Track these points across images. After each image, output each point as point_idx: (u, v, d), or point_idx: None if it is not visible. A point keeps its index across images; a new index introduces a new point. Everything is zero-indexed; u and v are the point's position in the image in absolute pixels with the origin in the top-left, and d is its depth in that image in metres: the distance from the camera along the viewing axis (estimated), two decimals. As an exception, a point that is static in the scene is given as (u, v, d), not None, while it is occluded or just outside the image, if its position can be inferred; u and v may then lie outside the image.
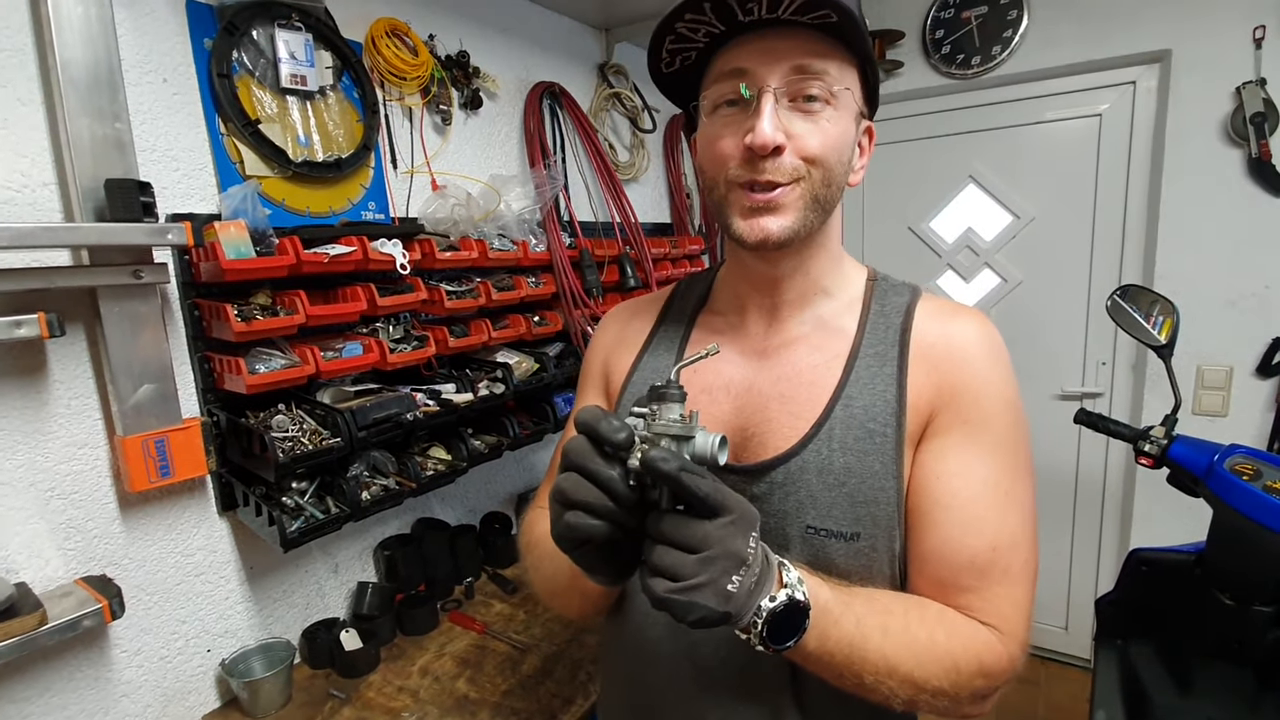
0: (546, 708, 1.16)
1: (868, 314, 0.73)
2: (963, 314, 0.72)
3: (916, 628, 0.61)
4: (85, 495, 1.05)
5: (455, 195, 1.49)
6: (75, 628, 0.96)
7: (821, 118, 0.64)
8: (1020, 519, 0.66)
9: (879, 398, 0.68)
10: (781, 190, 0.65)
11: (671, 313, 0.86)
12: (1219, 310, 2.13)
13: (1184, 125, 2.13)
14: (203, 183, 1.18)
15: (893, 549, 0.67)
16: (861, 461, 0.66)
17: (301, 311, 1.15)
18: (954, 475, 0.65)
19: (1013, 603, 0.65)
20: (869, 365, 0.70)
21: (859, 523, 0.66)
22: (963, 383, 0.67)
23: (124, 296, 1.02)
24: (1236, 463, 1.35)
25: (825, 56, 0.64)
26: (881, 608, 0.61)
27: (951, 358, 0.68)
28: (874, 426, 0.67)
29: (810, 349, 0.73)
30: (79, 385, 1.04)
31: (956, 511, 0.64)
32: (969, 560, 0.64)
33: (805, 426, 0.68)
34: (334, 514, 1.18)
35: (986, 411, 0.66)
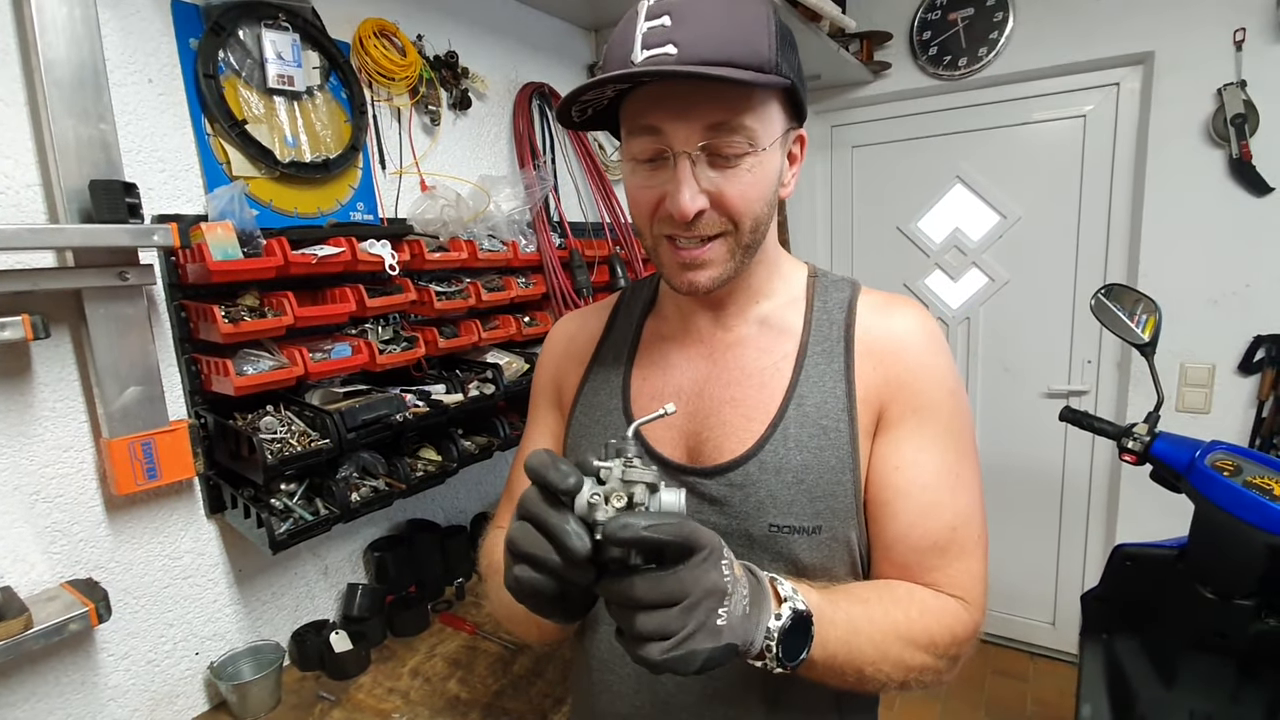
0: (538, 708, 1.16)
1: (811, 311, 0.75)
2: (901, 306, 0.74)
3: (894, 610, 0.64)
4: (71, 498, 1.05)
5: (444, 196, 1.49)
6: (61, 631, 0.95)
7: (743, 169, 0.63)
8: (970, 498, 0.70)
9: (829, 394, 0.70)
10: (708, 247, 0.66)
11: (618, 320, 0.86)
12: (1201, 309, 2.16)
13: (1166, 126, 2.16)
14: (189, 184, 1.17)
15: (850, 539, 0.70)
16: (818, 457, 0.68)
17: (289, 313, 1.15)
18: (910, 465, 0.69)
19: (971, 574, 0.69)
20: (817, 363, 0.72)
21: (819, 516, 0.68)
22: (909, 375, 0.70)
23: (109, 298, 1.01)
24: (1217, 459, 1.37)
25: (741, 109, 0.61)
26: (860, 598, 0.64)
27: (896, 351, 0.71)
28: (827, 423, 0.69)
29: (758, 351, 0.74)
30: (64, 388, 1.03)
31: (915, 499, 0.68)
32: (931, 543, 0.68)
33: (760, 428, 0.70)
34: (323, 516, 1.18)
35: (933, 400, 0.69)
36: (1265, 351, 2.07)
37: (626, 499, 0.49)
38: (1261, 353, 2.08)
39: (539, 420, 0.90)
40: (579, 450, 0.80)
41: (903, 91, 2.58)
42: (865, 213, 2.81)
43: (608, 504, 0.49)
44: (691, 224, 0.64)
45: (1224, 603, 1.38)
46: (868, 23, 2.49)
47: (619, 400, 0.79)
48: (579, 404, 0.83)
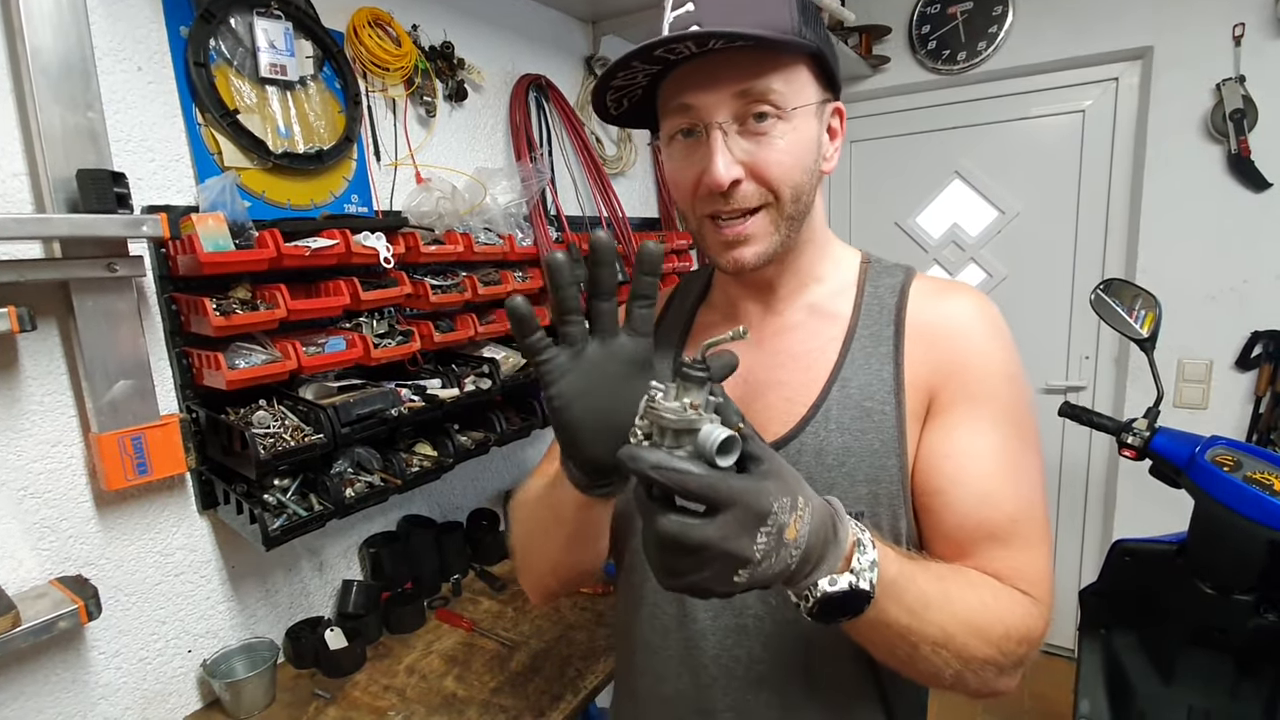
0: (535, 705, 1.15)
1: (862, 296, 0.74)
2: (956, 291, 0.72)
3: (969, 594, 0.60)
4: (60, 494, 1.03)
5: (440, 188, 1.47)
6: (50, 629, 0.93)
7: (774, 136, 0.64)
8: (1031, 486, 0.66)
9: (875, 377, 0.68)
10: (750, 221, 0.66)
11: (671, 310, 0.86)
12: (1199, 304, 2.16)
13: (1165, 121, 2.16)
14: (179, 174, 1.15)
15: (896, 526, 0.67)
16: (860, 441, 0.67)
17: (282, 306, 1.13)
18: (963, 453, 0.66)
19: (1037, 567, 0.65)
20: (864, 347, 0.70)
21: (861, 501, 0.66)
22: (961, 359, 0.67)
23: (98, 290, 0.99)
24: (1217, 454, 1.36)
25: (767, 71, 0.63)
26: (937, 574, 0.60)
27: (949, 335, 0.68)
28: (871, 405, 0.67)
29: (805, 335, 0.74)
30: (52, 381, 1.01)
31: (971, 487, 0.65)
32: (989, 533, 0.64)
33: (801, 410, 0.69)
34: (317, 511, 1.16)
35: (988, 385, 0.66)
36: (1263, 347, 2.07)
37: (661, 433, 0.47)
38: (1259, 348, 2.08)
39: None
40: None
41: (901, 86, 2.57)
42: (863, 208, 2.80)
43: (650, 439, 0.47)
44: (730, 197, 0.64)
45: (1223, 598, 1.37)
46: (866, 16, 2.47)
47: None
48: None
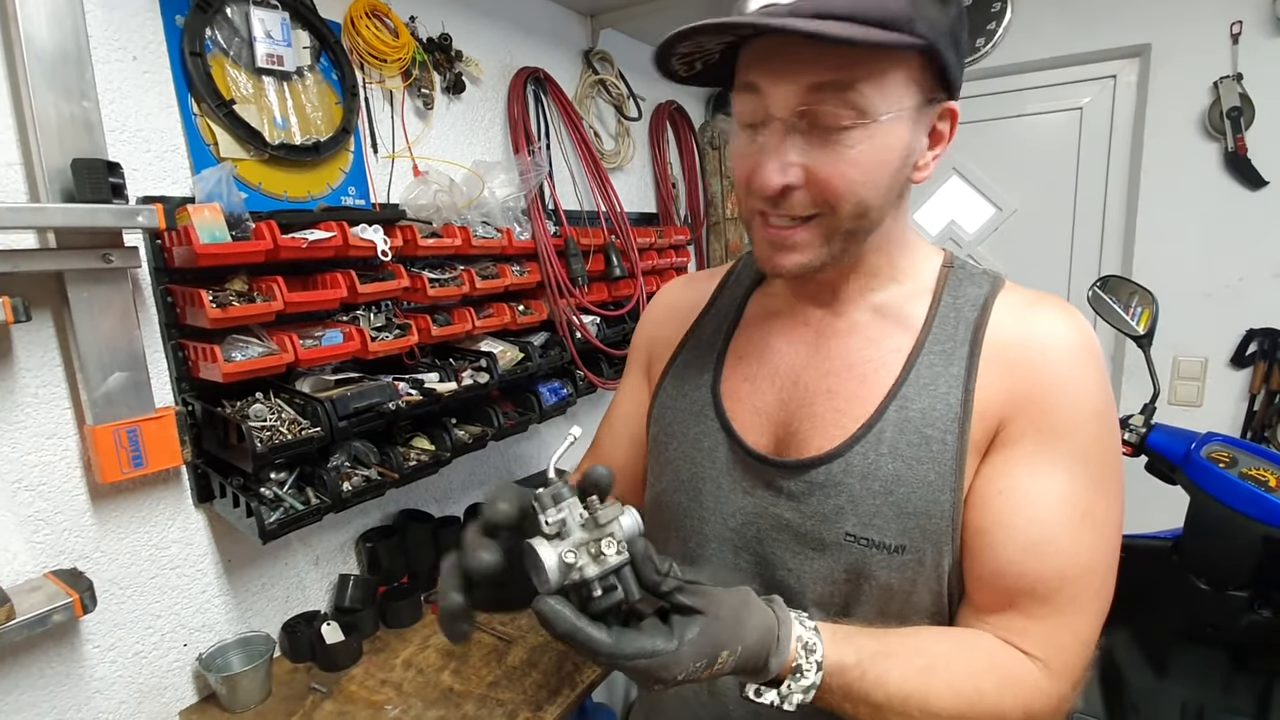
0: (533, 699, 1.15)
1: (938, 305, 0.65)
2: (1048, 308, 0.63)
3: (962, 681, 0.56)
4: (54, 487, 1.02)
5: (438, 181, 1.46)
6: (45, 623, 0.93)
7: (846, 145, 0.55)
8: (1096, 542, 0.58)
9: (940, 400, 0.61)
10: (799, 228, 0.59)
11: (725, 291, 0.81)
12: (1195, 302, 2.16)
13: (1163, 119, 2.16)
14: (175, 165, 1.14)
15: (941, 564, 0.61)
16: (913, 470, 0.60)
17: (279, 298, 1.12)
18: (1018, 491, 0.58)
19: (1073, 633, 0.58)
20: (933, 364, 0.63)
21: (905, 535, 0.60)
22: (1040, 387, 0.59)
23: (93, 281, 0.98)
24: (1213, 450, 1.37)
25: (857, 67, 0.53)
26: (921, 667, 0.56)
27: (1030, 359, 0.60)
28: (931, 433, 0.60)
29: (866, 341, 0.66)
30: (47, 373, 1.01)
31: (1019, 531, 0.57)
32: (1030, 587, 0.58)
33: (853, 426, 0.63)
34: (314, 505, 1.16)
35: (1067, 420, 0.58)
36: (1258, 345, 2.08)
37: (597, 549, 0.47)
38: (1254, 346, 2.09)
39: (628, 385, 0.87)
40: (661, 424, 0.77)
41: (899, 82, 2.56)
42: (861, 204, 2.80)
43: (581, 558, 0.47)
44: (779, 202, 0.58)
45: (1217, 594, 1.38)
46: (865, 12, 2.46)
47: (709, 377, 0.74)
48: (669, 376, 0.78)
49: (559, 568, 0.46)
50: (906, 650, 0.57)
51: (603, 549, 0.46)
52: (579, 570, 0.46)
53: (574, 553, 0.46)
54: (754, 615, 0.51)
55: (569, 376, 1.75)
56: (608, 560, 0.46)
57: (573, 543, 0.47)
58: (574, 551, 0.47)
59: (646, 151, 2.30)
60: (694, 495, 0.72)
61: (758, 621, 0.51)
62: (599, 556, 0.46)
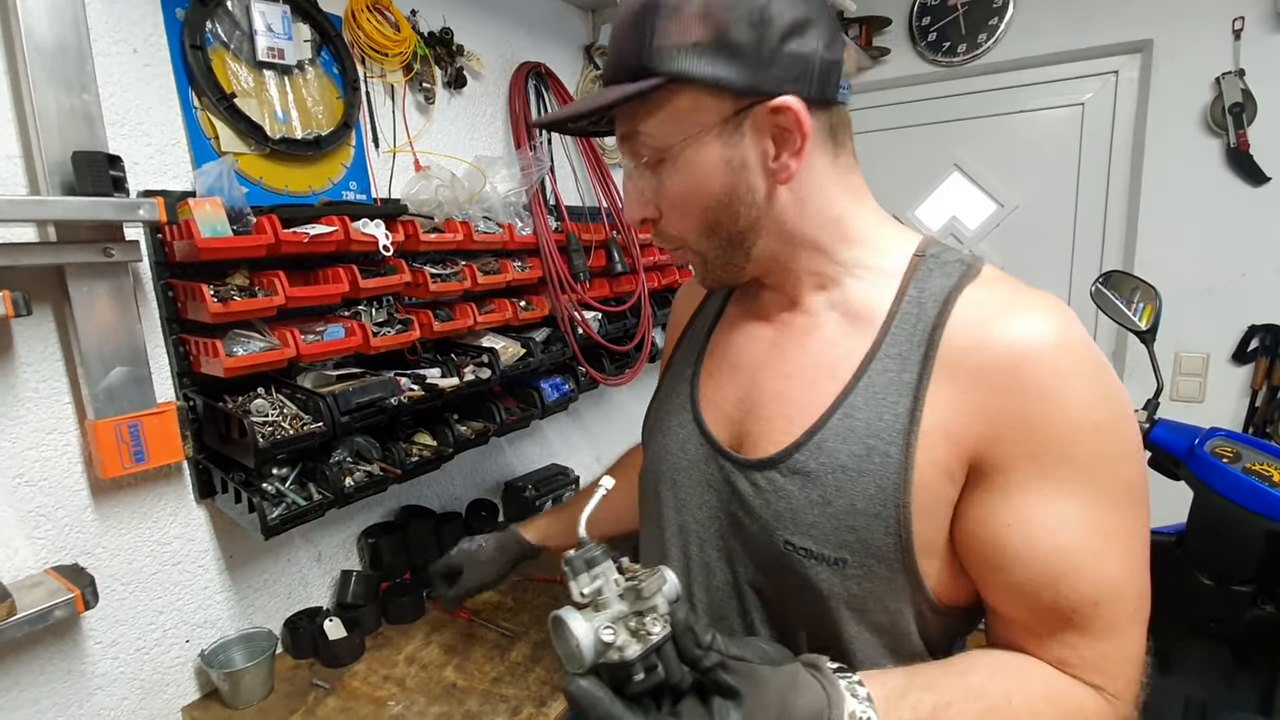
0: (536, 695, 1.15)
1: (901, 300, 0.61)
2: (1019, 310, 0.56)
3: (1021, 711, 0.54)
4: (55, 482, 1.01)
5: (439, 176, 1.45)
6: (46, 618, 0.92)
7: (664, 176, 0.62)
8: (1124, 561, 0.54)
9: (888, 410, 0.57)
10: (678, 254, 0.67)
11: (707, 302, 0.85)
12: (1197, 298, 2.16)
13: (1164, 115, 2.16)
14: (176, 159, 1.13)
15: (895, 580, 0.59)
16: (854, 481, 0.57)
17: (281, 293, 1.12)
18: (1031, 522, 0.54)
19: (1122, 653, 0.55)
20: (886, 369, 0.59)
21: (845, 548, 0.58)
22: (1021, 404, 0.53)
23: (94, 275, 0.98)
24: (1217, 445, 1.37)
25: (634, 115, 0.61)
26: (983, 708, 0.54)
27: (999, 373, 0.54)
28: (874, 443, 0.57)
29: (823, 342, 0.64)
30: (47, 368, 1.00)
31: (1041, 565, 0.54)
32: (1064, 619, 0.55)
33: (797, 431, 0.61)
34: (316, 501, 1.15)
35: (1062, 440, 0.53)
36: (1259, 341, 2.08)
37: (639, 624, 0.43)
38: (1255, 342, 2.09)
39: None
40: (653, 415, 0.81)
41: (901, 78, 2.56)
42: (862, 201, 2.80)
43: (620, 635, 0.43)
44: (656, 234, 0.65)
45: (1221, 589, 1.38)
46: (867, 7, 2.46)
47: (690, 372, 0.78)
48: (667, 373, 0.84)
49: (594, 647, 0.42)
50: (963, 693, 0.54)
51: (646, 625, 0.42)
52: (619, 650, 0.42)
53: (613, 629, 0.42)
54: (802, 696, 0.48)
55: (570, 372, 1.74)
56: (650, 637, 0.42)
57: (610, 616, 0.43)
58: (612, 627, 0.42)
59: (647, 147, 2.29)
60: (671, 486, 0.73)
61: (806, 703, 0.48)
62: (640, 632, 0.42)
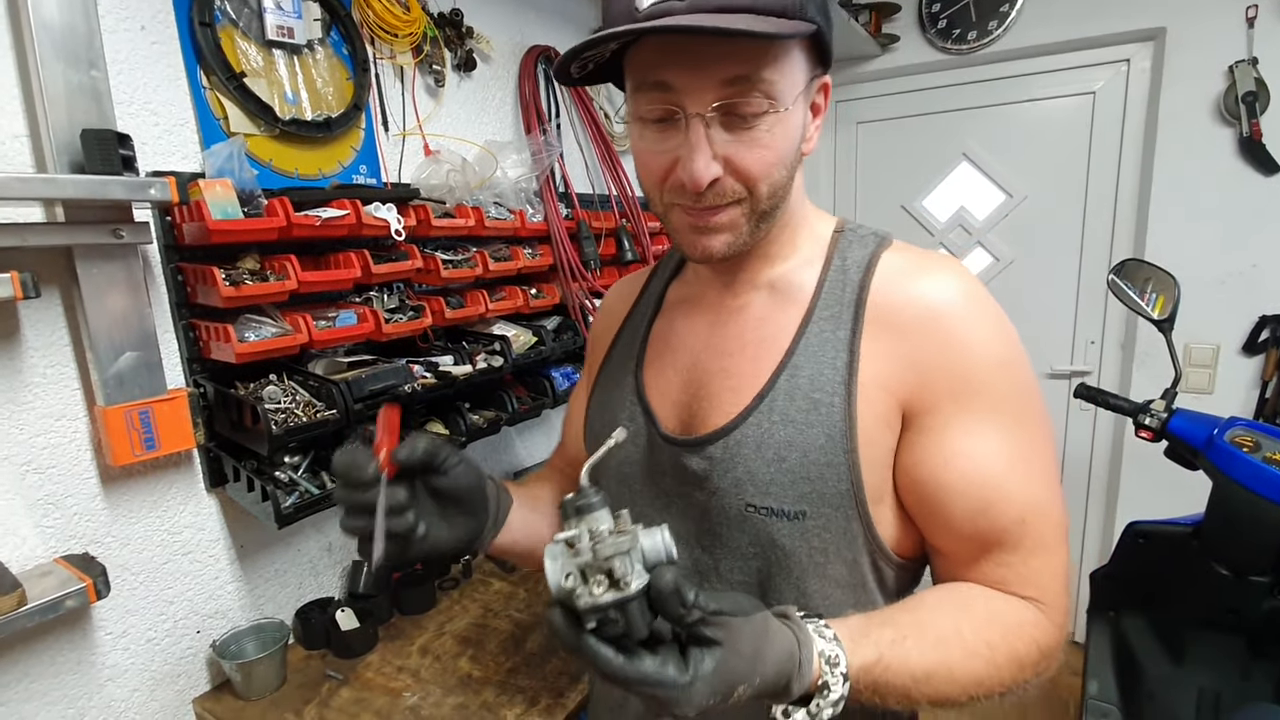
0: (553, 685, 1.13)
1: (827, 271, 0.67)
2: (930, 269, 0.64)
3: (972, 639, 0.58)
4: (64, 469, 0.99)
5: (450, 161, 1.43)
6: (57, 608, 0.90)
7: (761, 131, 0.57)
8: (1044, 482, 0.61)
9: (828, 365, 0.63)
10: (723, 212, 0.60)
11: (650, 285, 0.84)
12: (1208, 289, 2.15)
13: (1177, 104, 2.14)
14: (184, 139, 1.11)
15: (851, 530, 0.63)
16: (804, 434, 0.61)
17: (293, 277, 1.09)
18: (958, 455, 0.60)
19: (1051, 572, 0.61)
20: (821, 330, 0.64)
21: (803, 500, 0.61)
22: (941, 352, 0.60)
23: (103, 257, 0.95)
24: (1236, 435, 1.36)
25: (761, 56, 0.55)
26: (934, 641, 0.57)
27: (923, 324, 0.61)
28: (819, 396, 0.62)
29: (757, 320, 0.68)
30: (55, 353, 0.98)
31: (973, 493, 0.60)
32: (998, 540, 0.60)
33: (745, 400, 0.65)
34: (329, 489, 1.13)
35: (978, 379, 0.60)
36: (1270, 332, 2.07)
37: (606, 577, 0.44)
38: (1266, 333, 2.08)
39: (582, 383, 0.90)
40: (596, 415, 0.80)
41: (910, 66, 2.53)
42: (869, 191, 2.77)
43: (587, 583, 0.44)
44: (703, 194, 0.59)
45: (1238, 580, 1.37)
46: (876, -6, 2.43)
47: (632, 366, 0.77)
48: (602, 372, 0.82)
49: (556, 586, 0.45)
50: (916, 627, 0.57)
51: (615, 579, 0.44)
52: (578, 597, 0.44)
53: (572, 574, 0.44)
54: (774, 644, 0.50)
55: (581, 361, 1.72)
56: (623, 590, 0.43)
57: (581, 563, 0.45)
58: (574, 574, 0.44)
59: (655, 135, 2.26)
60: (627, 483, 0.74)
61: (778, 649, 0.50)
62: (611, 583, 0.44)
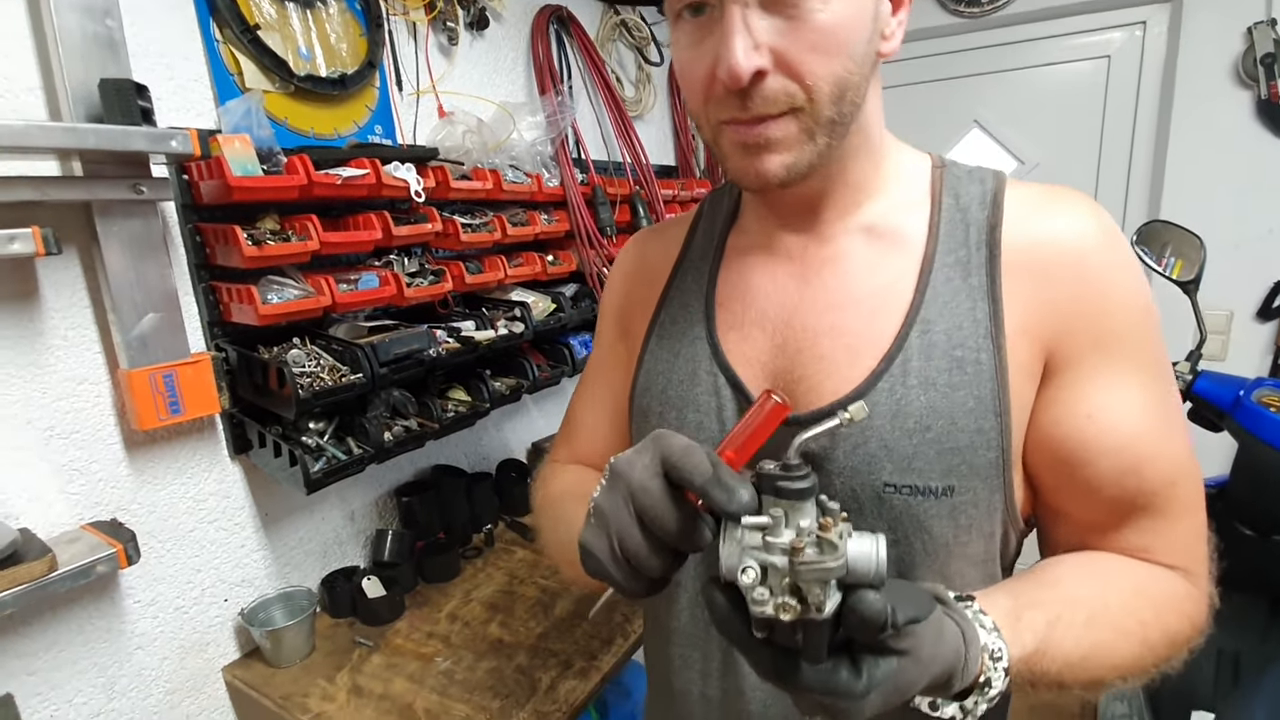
0: (585, 649, 1.13)
1: (939, 212, 0.58)
2: (1067, 202, 0.57)
3: (1123, 617, 0.52)
4: (88, 434, 0.97)
5: (465, 122, 1.39)
6: (88, 574, 0.88)
7: (811, 9, 0.47)
8: (1185, 438, 0.56)
9: (966, 317, 0.54)
10: (776, 123, 0.51)
11: (698, 235, 0.71)
12: (1223, 254, 2.13)
13: (1194, 66, 2.11)
14: (199, 95, 1.07)
15: (994, 503, 0.55)
16: (949, 399, 0.53)
17: (315, 237, 1.07)
18: (1107, 410, 0.53)
19: (1197, 537, 0.56)
20: (949, 278, 0.56)
21: (951, 474, 0.53)
22: (1089, 293, 0.53)
23: (123, 214, 0.92)
24: (1264, 395, 1.35)
25: None
26: (1086, 618, 0.51)
27: (1068, 263, 0.54)
28: (963, 354, 0.54)
29: (865, 267, 0.59)
30: (76, 314, 0.95)
31: (1121, 452, 0.53)
32: (1144, 506, 0.54)
33: (871, 363, 0.56)
34: (356, 455, 1.12)
35: (1125, 324, 0.54)
36: (1285, 297, 2.06)
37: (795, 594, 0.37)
38: (1281, 298, 2.07)
39: (604, 351, 0.77)
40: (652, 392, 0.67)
41: (922, 30, 2.49)
42: (879, 159, 2.75)
43: (767, 585, 0.37)
44: (751, 97, 0.49)
45: (1263, 540, 1.37)
46: (889, -44, 2.38)
47: (702, 330, 0.65)
48: (653, 337, 0.68)
49: (730, 573, 0.39)
50: (1066, 607, 0.51)
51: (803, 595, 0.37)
52: (756, 602, 0.37)
53: (754, 570, 0.38)
54: (946, 643, 0.43)
55: (598, 330, 1.70)
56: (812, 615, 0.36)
57: (767, 561, 0.37)
58: (754, 569, 0.38)
59: (666, 101, 2.23)
60: None
61: (948, 649, 0.43)
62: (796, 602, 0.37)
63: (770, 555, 0.38)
